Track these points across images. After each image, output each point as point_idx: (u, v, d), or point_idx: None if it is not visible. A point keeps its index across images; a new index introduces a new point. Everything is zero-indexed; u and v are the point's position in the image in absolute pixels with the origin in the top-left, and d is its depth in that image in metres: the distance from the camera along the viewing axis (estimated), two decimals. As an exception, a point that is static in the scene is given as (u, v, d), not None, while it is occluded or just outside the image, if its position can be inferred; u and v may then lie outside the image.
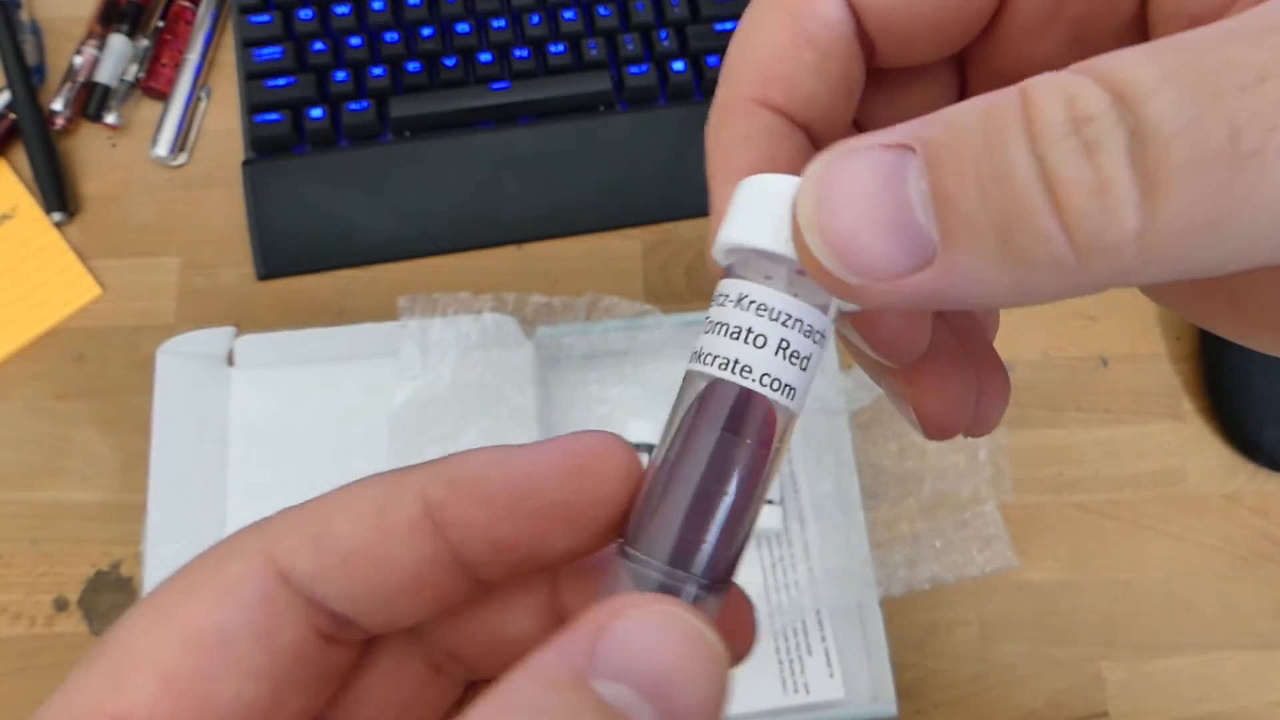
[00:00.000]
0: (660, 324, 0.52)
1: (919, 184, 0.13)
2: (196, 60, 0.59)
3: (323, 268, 0.55)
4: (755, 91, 0.18)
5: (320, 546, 0.16)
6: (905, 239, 0.13)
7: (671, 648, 0.14)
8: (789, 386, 0.16)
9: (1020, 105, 0.13)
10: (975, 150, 0.13)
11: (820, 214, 0.14)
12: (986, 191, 0.13)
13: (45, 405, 0.52)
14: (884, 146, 0.14)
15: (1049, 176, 0.12)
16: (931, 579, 0.49)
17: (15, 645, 0.48)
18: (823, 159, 0.14)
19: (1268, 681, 0.49)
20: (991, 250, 0.13)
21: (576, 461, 0.17)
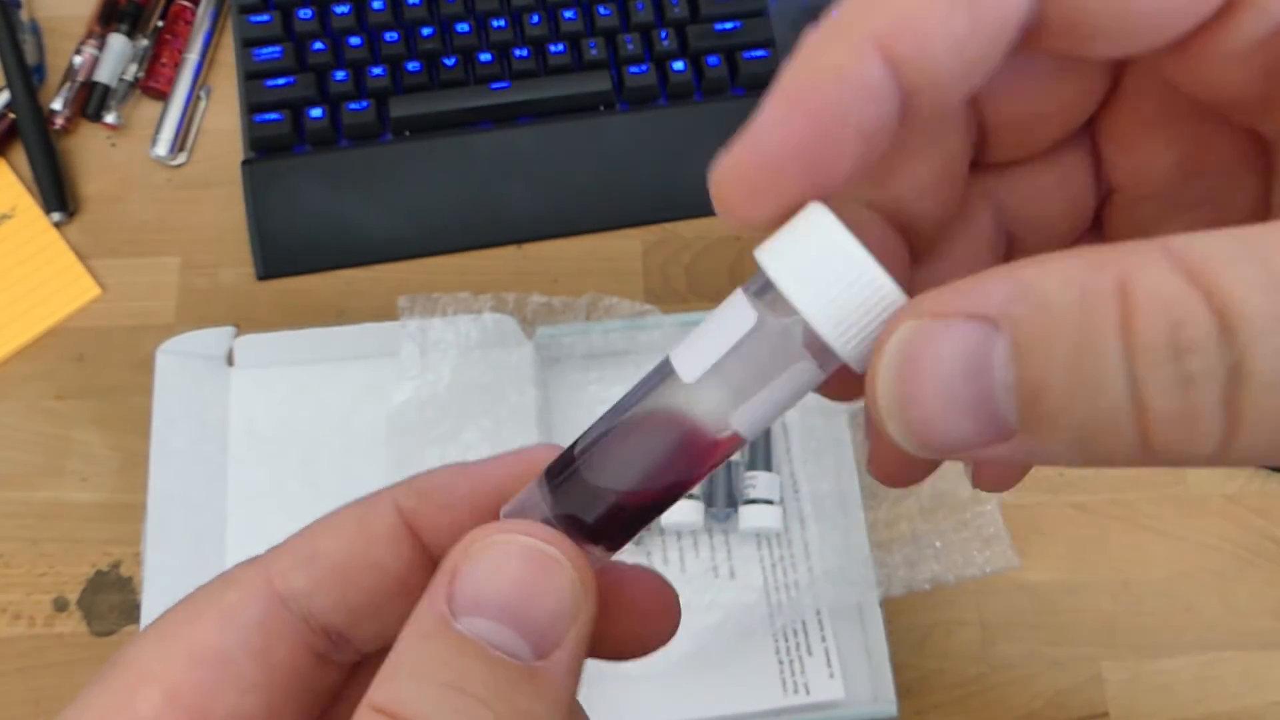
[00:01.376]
0: (660, 324, 0.52)
1: (1004, 373, 0.13)
2: (196, 60, 0.59)
3: (323, 268, 0.55)
4: (882, 32, 0.15)
5: (312, 564, 0.18)
6: (985, 423, 0.13)
7: (512, 571, 0.15)
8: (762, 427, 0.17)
9: (1120, 312, 0.12)
10: (1067, 348, 0.12)
11: (902, 403, 0.14)
12: (1074, 394, 0.13)
13: (45, 405, 0.52)
14: (968, 319, 0.13)
15: (1139, 399, 0.12)
16: (932, 579, 0.49)
17: (15, 645, 0.48)
18: (904, 334, 0.14)
19: (1268, 681, 0.49)
20: (1067, 443, 0.13)
21: (525, 465, 0.18)
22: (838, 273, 0.15)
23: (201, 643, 0.17)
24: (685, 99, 0.59)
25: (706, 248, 0.56)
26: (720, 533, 0.50)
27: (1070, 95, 0.18)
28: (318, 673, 0.18)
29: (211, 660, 0.17)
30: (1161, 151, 0.18)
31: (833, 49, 0.15)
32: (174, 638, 0.17)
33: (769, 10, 0.60)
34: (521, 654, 0.15)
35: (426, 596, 0.16)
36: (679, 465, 0.17)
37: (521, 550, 0.16)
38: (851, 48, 0.15)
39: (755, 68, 0.58)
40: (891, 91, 0.15)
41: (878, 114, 0.15)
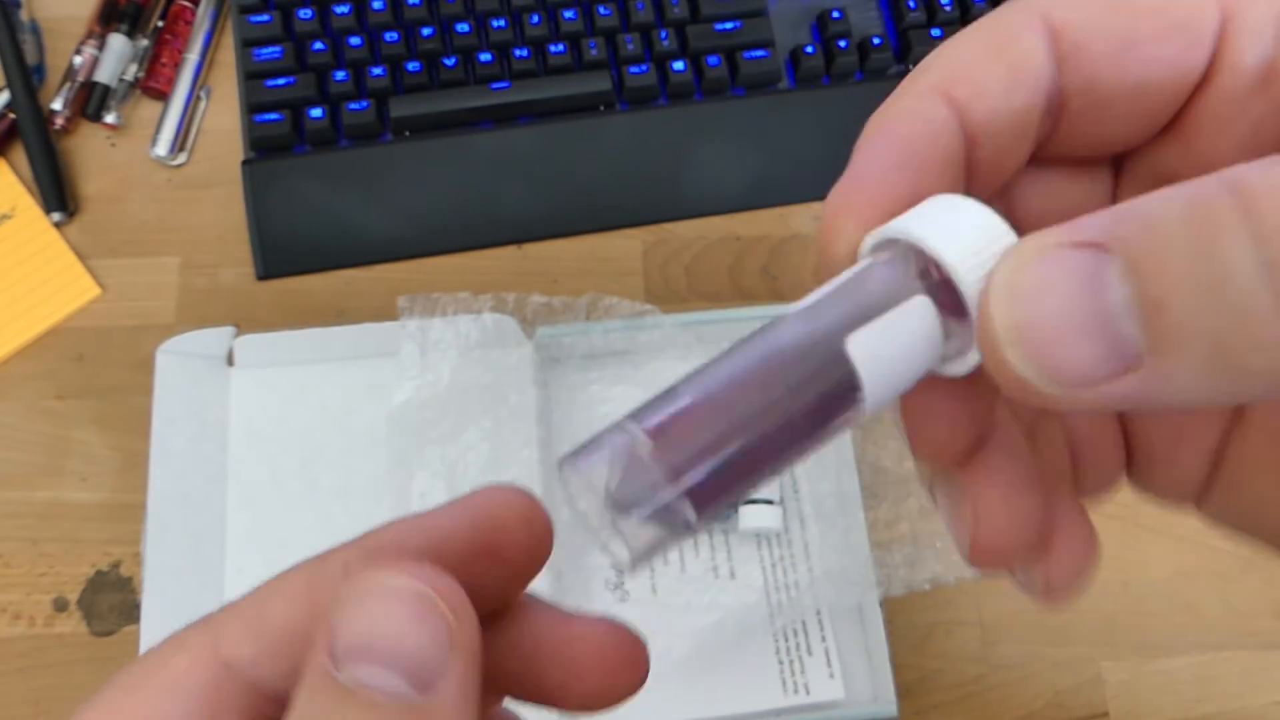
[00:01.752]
0: (660, 324, 0.52)
1: (1121, 289, 0.13)
2: (196, 60, 0.59)
3: (323, 268, 0.55)
4: (940, 83, 0.18)
5: (259, 630, 0.17)
6: (1110, 346, 0.13)
7: (374, 613, 0.15)
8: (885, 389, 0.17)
9: (1238, 201, 0.12)
10: (1185, 252, 0.12)
11: (1020, 325, 0.13)
12: (1200, 299, 0.12)
13: (45, 405, 0.52)
14: (1076, 245, 0.13)
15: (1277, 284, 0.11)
16: (932, 579, 0.49)
17: (15, 645, 0.48)
18: (1010, 262, 0.14)
19: (1268, 681, 0.49)
20: (1204, 358, 0.12)
21: (482, 511, 0.18)
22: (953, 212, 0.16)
23: (145, 713, 0.17)
24: (685, 99, 0.59)
25: (706, 248, 0.56)
26: (720, 533, 0.50)
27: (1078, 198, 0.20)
28: None
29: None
30: None
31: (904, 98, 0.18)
32: (118, 708, 0.17)
33: (769, 10, 0.60)
34: (405, 693, 0.15)
35: (311, 651, 0.16)
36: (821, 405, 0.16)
37: (385, 591, 0.15)
38: (918, 96, 0.18)
39: (755, 68, 0.58)
40: (955, 127, 0.18)
41: (947, 146, 0.18)
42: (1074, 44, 0.17)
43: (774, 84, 0.60)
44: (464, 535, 0.18)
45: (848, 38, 0.59)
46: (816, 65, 0.59)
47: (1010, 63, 0.18)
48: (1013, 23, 0.18)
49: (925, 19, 0.59)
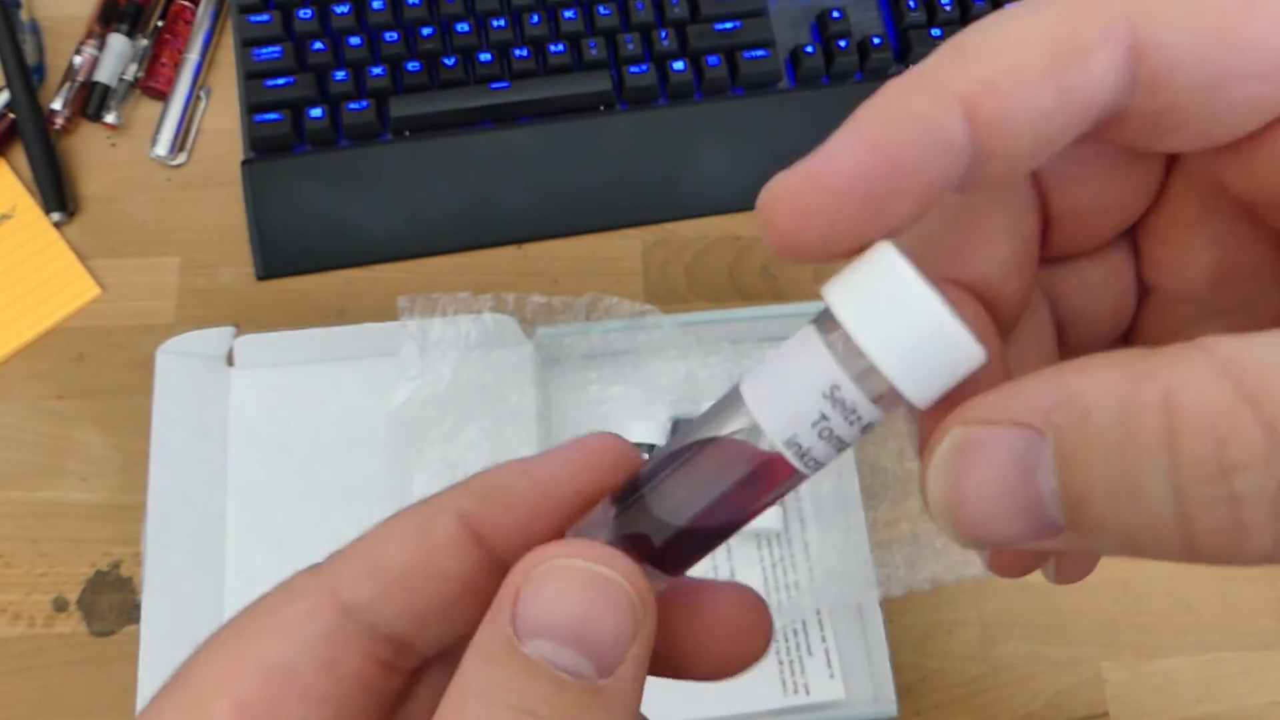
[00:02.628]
0: (660, 324, 0.51)
1: (1049, 479, 0.13)
2: (196, 60, 0.59)
3: (323, 268, 0.55)
4: (970, 90, 0.15)
5: (376, 576, 0.18)
6: (1032, 523, 0.14)
7: (574, 593, 0.16)
8: (815, 461, 0.17)
9: (1165, 428, 0.12)
10: (1111, 459, 0.13)
11: (951, 504, 0.14)
12: (1117, 503, 0.13)
13: (45, 405, 0.52)
14: (1014, 426, 0.14)
15: (1185, 513, 0.12)
16: (932, 579, 0.49)
17: (15, 645, 0.48)
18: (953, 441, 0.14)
19: (1268, 681, 0.49)
20: (1116, 543, 0.13)
21: (584, 458, 0.19)
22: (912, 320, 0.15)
23: (269, 656, 0.17)
24: (685, 99, 0.59)
25: (706, 248, 0.56)
26: (720, 533, 0.50)
27: (1128, 189, 0.18)
28: (383, 680, 0.18)
29: (279, 673, 0.17)
30: (1200, 251, 0.18)
31: (916, 98, 0.15)
32: (241, 651, 0.17)
33: (769, 10, 0.60)
34: (586, 674, 0.15)
35: (490, 620, 0.16)
36: (744, 496, 0.17)
37: (581, 573, 0.16)
38: (935, 101, 0.15)
39: (755, 68, 0.58)
40: (965, 151, 0.15)
41: (946, 169, 0.15)
42: (1157, 71, 0.15)
43: (774, 84, 0.60)
44: (563, 475, 0.18)
45: (848, 38, 0.59)
46: (816, 65, 0.59)
47: (1066, 85, 0.15)
48: (1087, 29, 0.15)
49: (925, 19, 0.59)
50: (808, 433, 0.16)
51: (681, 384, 0.51)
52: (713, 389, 0.51)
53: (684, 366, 0.52)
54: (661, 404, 0.51)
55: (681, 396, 0.51)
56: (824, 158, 0.16)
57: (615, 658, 0.16)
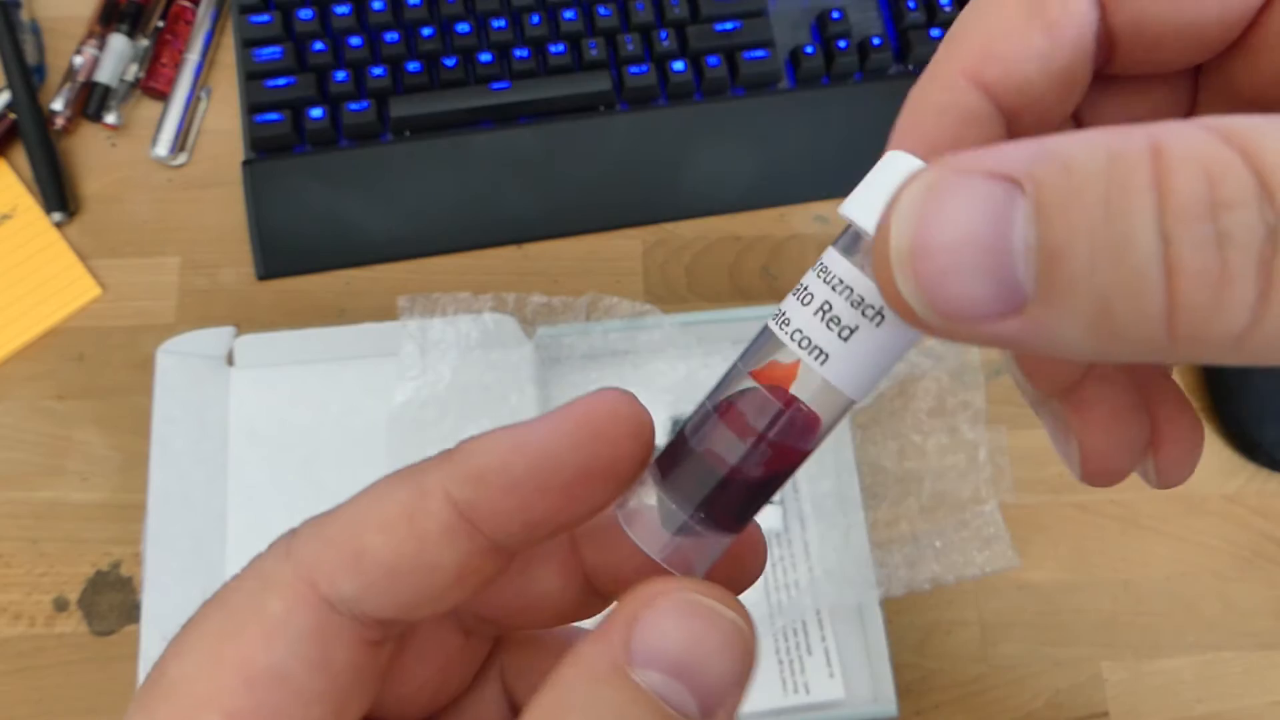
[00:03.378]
0: (660, 324, 0.52)
1: (1024, 232, 0.12)
2: (196, 60, 0.59)
3: (323, 268, 0.55)
4: (970, 64, 0.17)
5: (360, 567, 0.17)
6: (999, 287, 0.13)
7: (695, 631, 0.15)
8: (818, 348, 0.16)
9: (1152, 169, 0.12)
10: (1093, 208, 0.12)
11: (914, 252, 0.13)
12: (1096, 257, 0.12)
13: (45, 405, 0.52)
14: (991, 176, 0.13)
15: (1171, 261, 0.12)
16: (932, 579, 0.49)
17: (15, 645, 0.48)
18: (920, 184, 0.13)
19: (1268, 681, 0.49)
20: (1085, 317, 0.12)
21: (589, 429, 0.17)
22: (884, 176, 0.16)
23: (254, 661, 0.16)
24: (685, 99, 0.59)
25: (706, 248, 0.56)
26: (720, 533, 0.50)
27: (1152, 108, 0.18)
28: (375, 657, 0.18)
29: (269, 679, 0.16)
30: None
31: (929, 90, 0.17)
32: (222, 657, 0.16)
33: (769, 10, 0.60)
34: (690, 713, 0.15)
35: (600, 638, 0.16)
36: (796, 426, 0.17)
37: (705, 610, 0.16)
38: (944, 85, 0.16)
39: (755, 68, 0.58)
40: (991, 113, 0.16)
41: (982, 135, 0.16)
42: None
43: (774, 84, 0.60)
44: (566, 450, 0.17)
45: (848, 38, 0.59)
46: (816, 65, 0.59)
47: (1048, 22, 0.16)
48: None
49: (925, 19, 0.59)
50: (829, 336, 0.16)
51: (681, 384, 0.51)
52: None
53: (684, 366, 0.52)
54: (661, 404, 0.51)
55: (681, 396, 0.51)
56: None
57: (719, 702, 0.15)
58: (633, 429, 0.18)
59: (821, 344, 0.16)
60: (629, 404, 0.18)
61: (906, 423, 0.52)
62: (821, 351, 0.16)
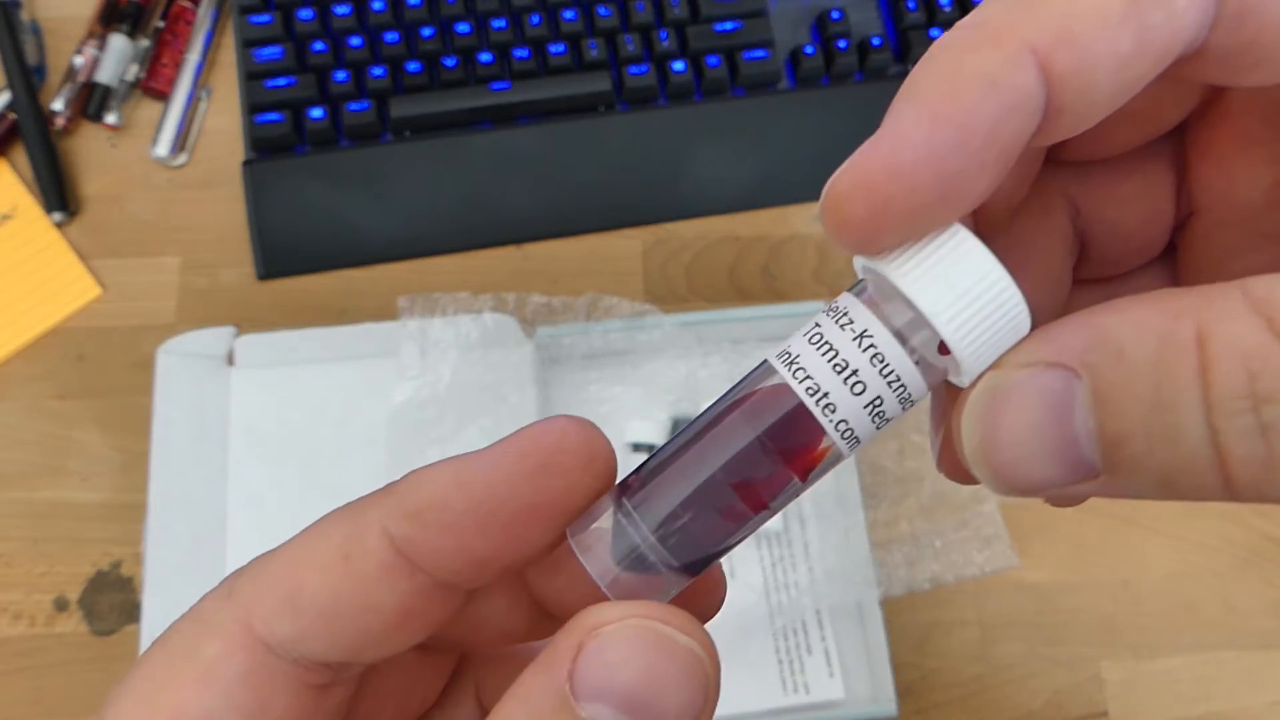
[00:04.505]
0: (660, 324, 0.52)
1: (1085, 420, 0.13)
2: (197, 60, 0.59)
3: (323, 268, 0.55)
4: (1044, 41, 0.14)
5: (296, 608, 0.16)
6: (1069, 466, 0.14)
7: (646, 660, 0.14)
8: (857, 439, 0.15)
9: (1198, 363, 0.12)
10: (1145, 397, 0.13)
11: (987, 450, 0.14)
12: (1154, 441, 0.13)
13: (45, 405, 0.52)
14: (1049, 367, 0.13)
15: (1220, 447, 0.12)
16: (931, 579, 0.49)
17: (15, 645, 0.48)
18: (987, 385, 0.14)
19: (1267, 681, 0.49)
20: (1152, 484, 0.13)
21: (533, 462, 0.16)
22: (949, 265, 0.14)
23: (187, 707, 0.15)
24: (685, 99, 0.59)
25: (706, 248, 0.56)
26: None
27: (1164, 96, 0.17)
28: (324, 701, 0.17)
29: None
30: (1258, 171, 0.17)
31: (982, 55, 0.14)
32: (156, 705, 0.15)
33: (769, 10, 0.60)
34: None
35: (543, 670, 0.14)
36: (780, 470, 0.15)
37: (656, 638, 0.14)
38: (1005, 56, 0.14)
39: (755, 68, 0.58)
40: (1039, 106, 0.14)
41: (1022, 130, 0.14)
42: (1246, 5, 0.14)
43: (774, 84, 0.60)
44: (510, 485, 0.16)
45: (847, 38, 0.59)
46: (816, 66, 0.59)
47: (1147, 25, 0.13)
48: None
49: (925, 19, 0.60)
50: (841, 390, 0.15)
51: (681, 384, 0.51)
52: (713, 389, 0.51)
53: (684, 366, 0.52)
54: (661, 404, 0.51)
55: (681, 396, 0.51)
56: (892, 139, 0.14)
57: None
58: (583, 460, 0.16)
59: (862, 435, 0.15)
60: (580, 432, 0.16)
61: (907, 422, 0.52)
62: (857, 441, 0.15)
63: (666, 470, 0.16)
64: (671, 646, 0.14)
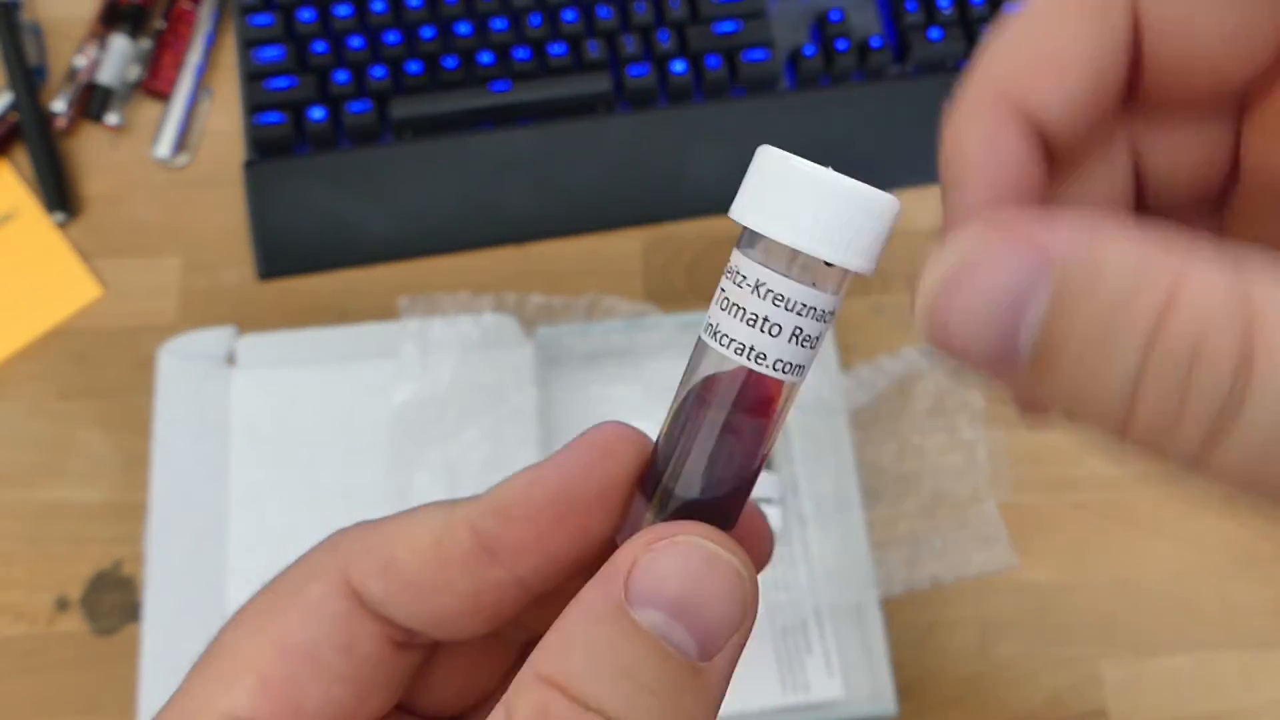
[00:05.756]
0: (660, 324, 0.52)
1: (1036, 312, 0.14)
2: (198, 61, 0.59)
3: (323, 268, 0.56)
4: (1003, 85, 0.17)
5: (387, 575, 0.18)
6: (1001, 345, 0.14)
7: (693, 571, 0.16)
8: (798, 367, 0.17)
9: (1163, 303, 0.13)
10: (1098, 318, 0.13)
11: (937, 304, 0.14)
12: (1083, 361, 0.13)
13: (46, 405, 0.52)
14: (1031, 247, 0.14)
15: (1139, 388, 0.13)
16: (931, 579, 0.49)
17: (16, 645, 0.48)
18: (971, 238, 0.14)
19: (1267, 681, 0.49)
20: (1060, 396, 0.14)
21: (599, 448, 0.18)
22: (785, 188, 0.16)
23: (289, 636, 0.18)
24: (685, 99, 0.59)
25: (706, 248, 0.56)
26: (720, 532, 0.50)
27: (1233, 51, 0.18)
28: (400, 659, 0.19)
29: (299, 653, 0.18)
30: None
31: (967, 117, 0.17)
32: (265, 629, 0.18)
33: (769, 11, 0.60)
34: (689, 652, 0.16)
35: (600, 581, 0.16)
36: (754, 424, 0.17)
37: (703, 552, 0.16)
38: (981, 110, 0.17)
39: (755, 69, 0.59)
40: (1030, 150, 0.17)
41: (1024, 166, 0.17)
42: None
43: (773, 85, 0.60)
44: (580, 472, 0.18)
45: (847, 39, 0.59)
46: (816, 66, 0.59)
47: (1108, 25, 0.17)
48: None
49: (924, 20, 0.60)
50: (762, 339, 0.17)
51: (681, 384, 0.51)
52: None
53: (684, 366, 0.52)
54: (661, 404, 0.51)
55: (681, 396, 0.51)
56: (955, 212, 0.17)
57: (718, 643, 0.16)
58: (637, 448, 0.19)
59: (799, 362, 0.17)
60: (630, 428, 0.19)
61: (905, 423, 0.52)
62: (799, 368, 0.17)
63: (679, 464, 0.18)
64: (716, 560, 0.16)
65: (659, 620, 0.15)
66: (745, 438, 0.17)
